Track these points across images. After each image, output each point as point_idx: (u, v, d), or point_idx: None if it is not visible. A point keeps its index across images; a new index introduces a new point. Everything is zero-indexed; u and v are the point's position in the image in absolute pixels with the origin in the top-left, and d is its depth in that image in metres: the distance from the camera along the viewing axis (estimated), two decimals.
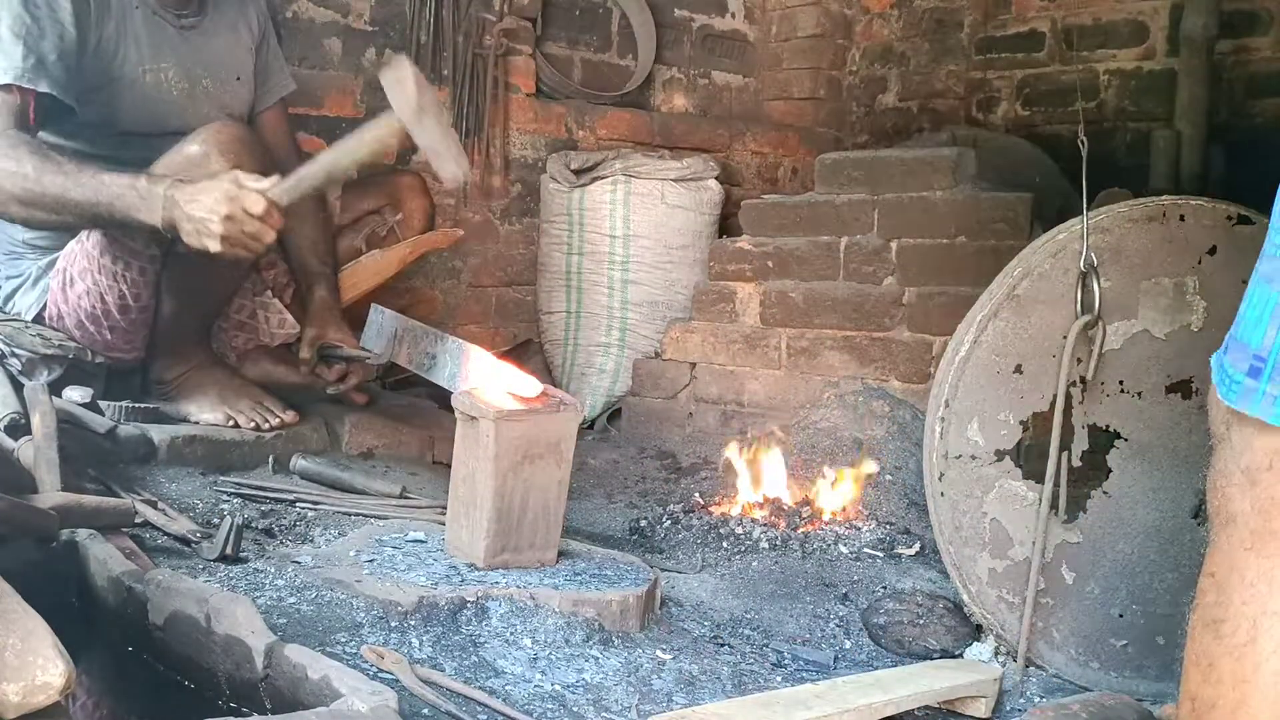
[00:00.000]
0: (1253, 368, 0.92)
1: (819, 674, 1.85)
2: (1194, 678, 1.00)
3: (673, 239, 3.64)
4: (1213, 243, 1.90)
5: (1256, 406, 0.92)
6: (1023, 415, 1.94)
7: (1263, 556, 0.95)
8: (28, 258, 2.46)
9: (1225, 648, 0.97)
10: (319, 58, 3.28)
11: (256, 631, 1.41)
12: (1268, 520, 0.94)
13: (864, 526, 2.50)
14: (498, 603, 1.71)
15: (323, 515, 2.18)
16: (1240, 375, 0.93)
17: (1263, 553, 0.95)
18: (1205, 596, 1.00)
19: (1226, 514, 0.98)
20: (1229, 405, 0.94)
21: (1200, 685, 0.99)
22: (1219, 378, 0.96)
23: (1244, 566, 0.96)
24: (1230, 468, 0.98)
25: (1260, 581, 0.95)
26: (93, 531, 1.71)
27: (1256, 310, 0.93)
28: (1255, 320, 0.93)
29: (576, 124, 3.89)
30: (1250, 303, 0.94)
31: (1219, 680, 0.97)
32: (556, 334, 3.77)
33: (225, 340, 2.62)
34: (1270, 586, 0.95)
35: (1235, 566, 0.97)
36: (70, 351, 2.37)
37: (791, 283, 3.28)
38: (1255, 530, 0.95)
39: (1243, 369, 0.93)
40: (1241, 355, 0.93)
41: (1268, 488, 0.94)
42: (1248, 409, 0.92)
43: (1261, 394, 0.91)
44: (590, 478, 2.96)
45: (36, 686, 0.97)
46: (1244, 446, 0.96)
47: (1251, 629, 0.95)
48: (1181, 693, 1.02)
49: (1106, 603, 1.93)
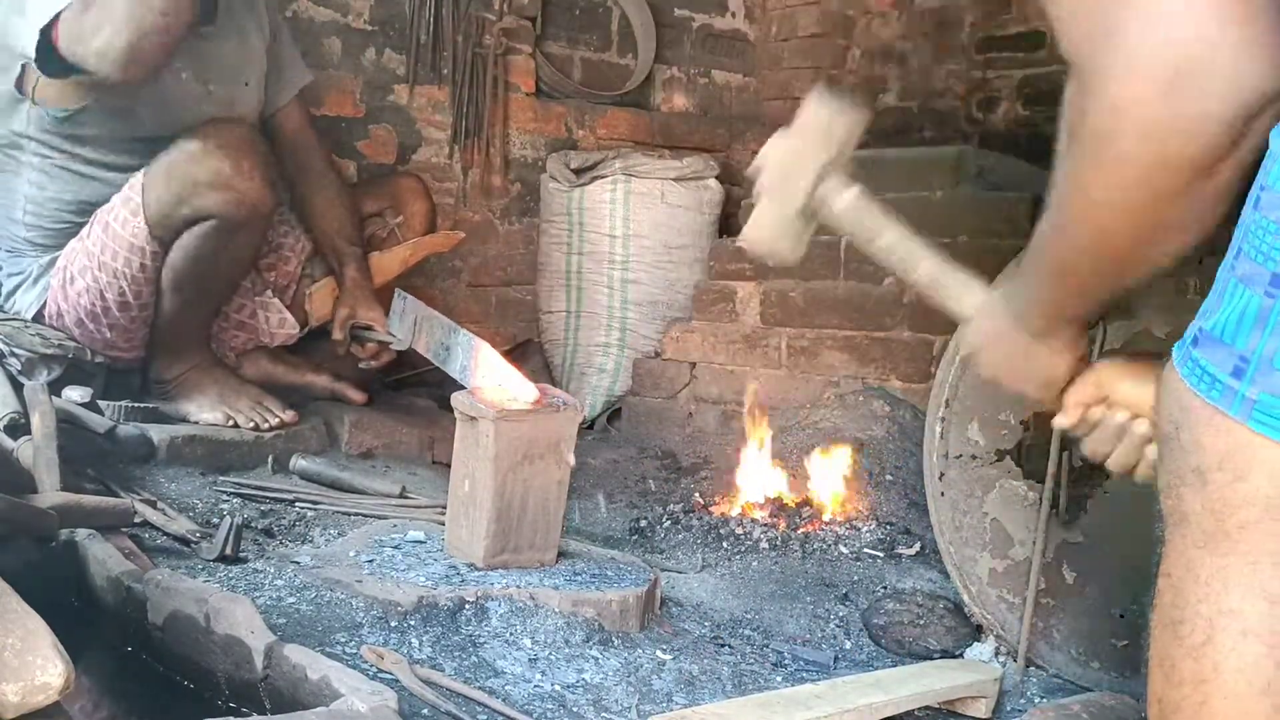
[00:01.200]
0: (1236, 368, 0.92)
1: (819, 674, 1.84)
2: (1158, 679, 1.00)
3: (673, 238, 3.64)
4: (1213, 243, 1.89)
5: (1235, 408, 0.92)
6: (1023, 415, 1.94)
7: (1216, 555, 0.95)
8: (28, 255, 2.46)
9: (1184, 649, 0.96)
10: (319, 57, 3.27)
11: (256, 631, 1.41)
12: (1220, 520, 0.94)
13: (864, 526, 2.50)
14: (497, 603, 1.71)
15: (322, 515, 2.18)
16: (1224, 375, 0.92)
17: (1216, 551, 0.95)
18: (1163, 597, 1.00)
19: (1179, 514, 0.98)
20: (1210, 403, 0.93)
21: (1164, 687, 0.99)
22: (1192, 373, 0.96)
23: (1198, 566, 0.96)
24: (1181, 468, 0.97)
25: (1214, 580, 0.95)
26: (92, 531, 1.71)
27: (1235, 310, 0.93)
28: (1236, 320, 0.93)
29: (576, 123, 3.89)
30: (1229, 301, 0.94)
31: (1181, 681, 0.97)
32: (556, 334, 3.76)
33: (225, 340, 2.63)
34: (1225, 585, 0.94)
35: (1190, 566, 0.97)
36: (70, 351, 2.37)
37: (791, 282, 3.28)
38: (1207, 530, 0.95)
39: (1227, 369, 0.92)
40: (1225, 354, 0.92)
41: (1219, 488, 0.94)
42: (1228, 409, 0.92)
43: (1241, 396, 0.91)
44: (590, 478, 2.96)
45: (36, 687, 0.97)
46: (1194, 446, 0.95)
47: (1208, 628, 0.95)
48: (1148, 694, 1.02)
49: (1107, 603, 1.93)
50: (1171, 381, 0.99)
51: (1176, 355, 0.99)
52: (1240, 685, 0.94)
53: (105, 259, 2.30)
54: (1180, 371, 0.97)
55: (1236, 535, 0.94)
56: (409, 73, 3.44)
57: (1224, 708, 0.94)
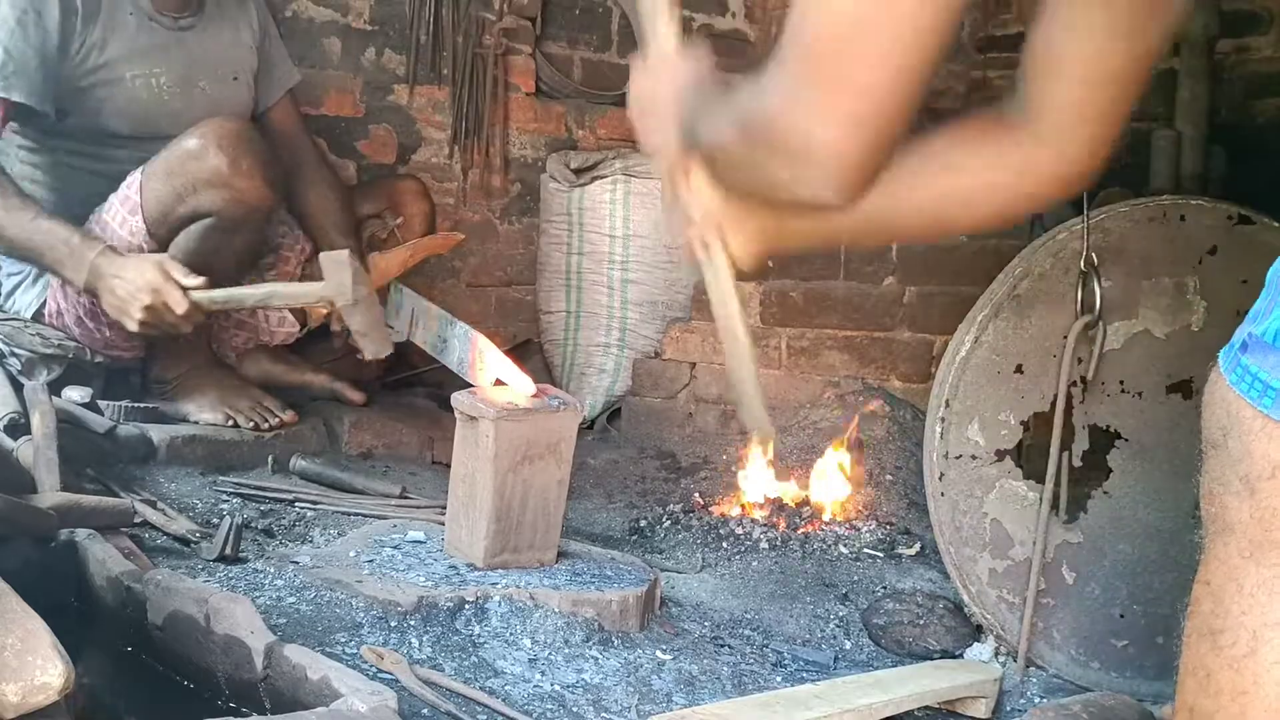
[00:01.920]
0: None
1: (819, 674, 1.84)
2: (1190, 687, 0.99)
3: (672, 239, 3.64)
4: (1213, 243, 1.89)
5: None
6: (1023, 415, 1.94)
7: (1262, 566, 0.93)
8: None
9: (1224, 659, 0.95)
10: (318, 57, 3.27)
11: (256, 631, 1.40)
12: (1268, 530, 0.92)
13: (864, 526, 2.50)
14: (497, 603, 1.71)
15: (322, 515, 2.18)
16: (1277, 381, 0.90)
17: (1263, 562, 0.93)
18: (1201, 605, 0.99)
19: (1223, 522, 0.96)
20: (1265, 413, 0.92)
21: (1197, 696, 0.98)
22: (1241, 380, 0.93)
23: (1242, 576, 0.94)
24: (1228, 475, 0.95)
25: (1260, 591, 0.93)
26: (92, 531, 1.71)
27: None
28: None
29: (576, 123, 3.89)
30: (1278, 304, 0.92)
31: (1218, 692, 0.95)
32: (556, 334, 3.76)
33: (225, 340, 2.63)
34: (1270, 597, 0.93)
35: (1233, 576, 0.95)
36: (70, 351, 2.37)
37: (791, 282, 3.28)
38: (1254, 540, 0.93)
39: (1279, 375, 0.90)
40: (1277, 360, 0.91)
41: (1268, 497, 0.92)
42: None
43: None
44: (590, 478, 2.96)
45: (35, 687, 0.97)
46: (1243, 454, 0.93)
47: (1252, 640, 0.93)
48: (1178, 701, 1.01)
49: (1107, 603, 1.93)
50: (1219, 388, 0.96)
51: (1224, 361, 0.97)
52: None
53: None
54: (1229, 378, 0.95)
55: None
56: (409, 73, 3.43)
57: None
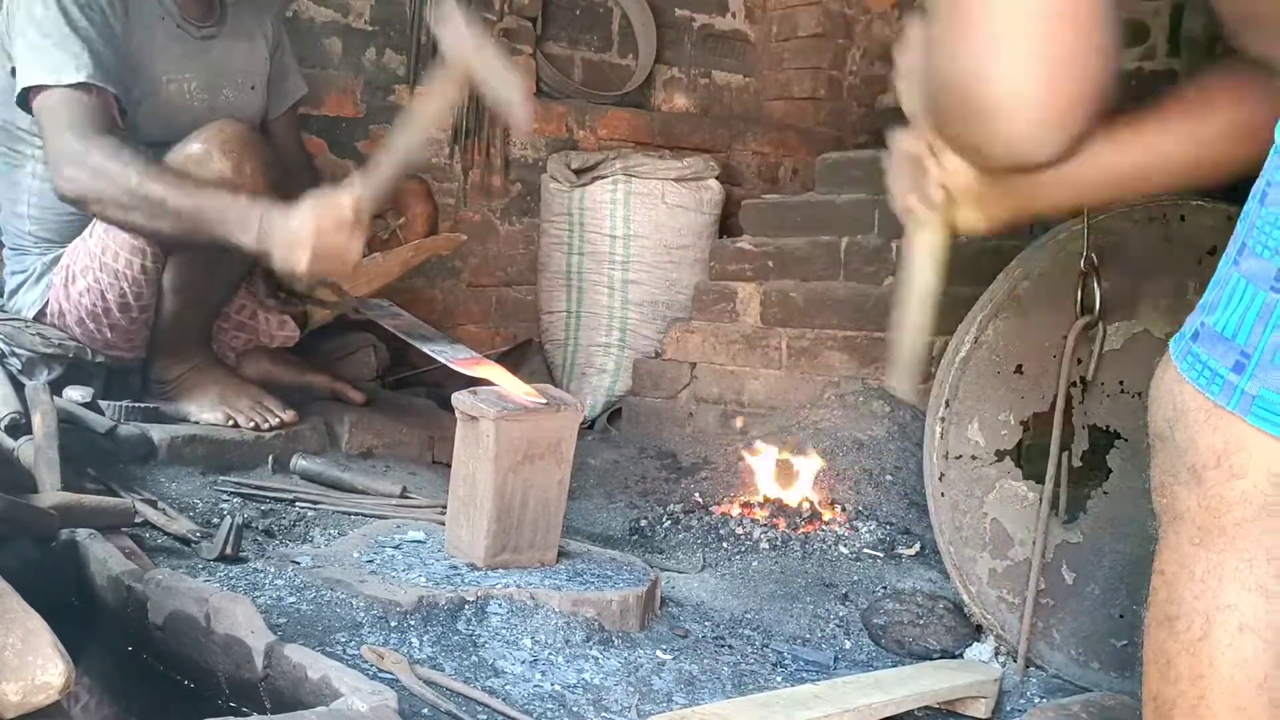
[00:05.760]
0: (1238, 363, 0.92)
1: (819, 674, 1.84)
2: (1153, 676, 1.01)
3: (673, 239, 3.64)
4: (1213, 243, 1.89)
5: (1235, 403, 0.92)
6: (1023, 415, 1.94)
7: (1211, 552, 0.95)
8: (32, 253, 2.46)
9: (1180, 644, 0.97)
10: (319, 57, 3.28)
11: (256, 631, 1.41)
12: (1215, 517, 0.95)
13: (864, 526, 2.50)
14: (498, 603, 1.71)
15: (322, 515, 2.18)
16: (1225, 369, 0.92)
17: (1212, 548, 0.95)
18: (1157, 594, 1.01)
19: (1174, 512, 0.99)
20: (1213, 400, 0.93)
21: (1160, 684, 1.00)
22: (1191, 368, 0.95)
23: (1193, 563, 0.97)
24: (1176, 465, 0.98)
25: (1210, 577, 0.96)
26: (92, 531, 1.71)
27: (1239, 306, 0.93)
28: (1239, 316, 0.92)
29: (577, 124, 3.89)
30: (1232, 297, 0.94)
31: (1177, 678, 0.97)
32: (557, 334, 3.77)
33: (225, 340, 2.63)
34: (1220, 581, 0.95)
35: (1185, 563, 0.98)
36: (70, 351, 2.37)
37: (792, 283, 3.28)
38: (1203, 527, 0.96)
39: (1228, 363, 0.92)
40: (1226, 349, 0.92)
41: (1214, 485, 0.94)
42: (1227, 404, 0.92)
43: (1240, 391, 0.91)
44: (590, 478, 2.96)
45: (36, 686, 0.97)
46: (1189, 444, 0.96)
47: (1205, 624, 0.95)
48: (1144, 693, 1.02)
49: (1107, 603, 1.93)
50: (1166, 381, 0.99)
51: (1174, 349, 0.99)
52: (1237, 680, 0.94)
53: (107, 260, 2.30)
54: (1179, 366, 0.97)
55: (1233, 532, 0.94)
56: (409, 73, 3.44)
57: (1221, 702, 0.94)
